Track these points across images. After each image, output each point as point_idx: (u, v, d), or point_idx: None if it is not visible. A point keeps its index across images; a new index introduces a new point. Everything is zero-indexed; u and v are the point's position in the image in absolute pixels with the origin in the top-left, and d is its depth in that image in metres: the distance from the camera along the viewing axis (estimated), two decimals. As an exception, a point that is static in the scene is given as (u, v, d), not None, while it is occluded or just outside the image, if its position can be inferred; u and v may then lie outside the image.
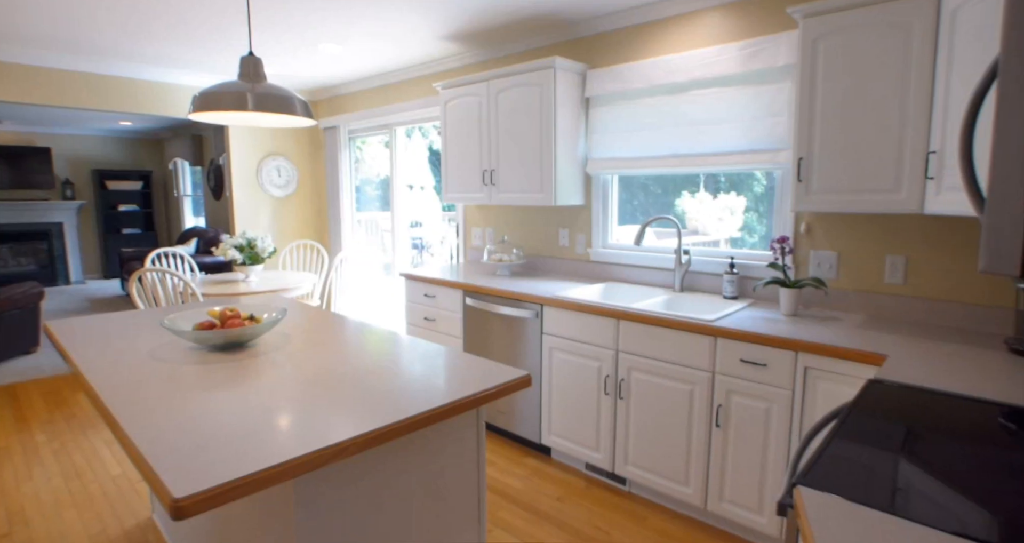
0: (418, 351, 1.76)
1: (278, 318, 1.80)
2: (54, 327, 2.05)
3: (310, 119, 1.79)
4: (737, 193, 3.10)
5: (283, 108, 1.66)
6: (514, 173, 3.17)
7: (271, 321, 1.81)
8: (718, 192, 3.06)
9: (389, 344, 1.84)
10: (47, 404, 3.69)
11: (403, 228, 4.67)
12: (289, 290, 3.92)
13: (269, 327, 1.75)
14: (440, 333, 3.30)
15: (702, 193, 3.22)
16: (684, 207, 3.20)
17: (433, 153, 9.96)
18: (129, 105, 4.31)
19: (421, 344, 1.83)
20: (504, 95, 3.16)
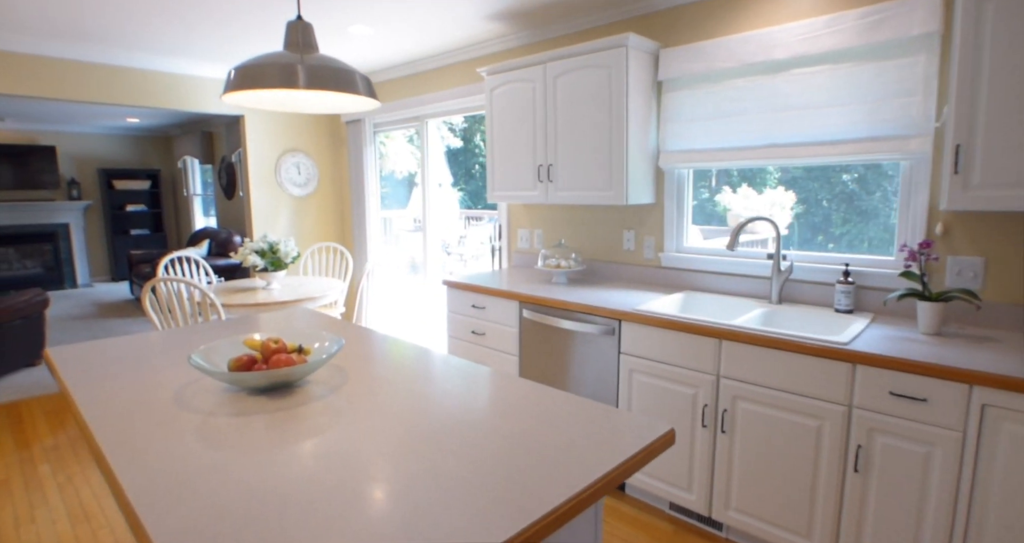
0: (512, 392, 1.38)
1: (334, 351, 1.43)
2: (56, 356, 1.69)
3: (373, 99, 1.42)
4: (786, 188, 2.74)
5: (343, 84, 1.28)
6: (576, 168, 2.79)
7: (325, 355, 1.44)
8: (776, 186, 2.67)
9: (471, 382, 1.47)
10: (51, 425, 3.35)
11: (435, 230, 4.30)
12: (315, 299, 3.56)
13: (322, 363, 1.39)
14: (490, 349, 2.93)
15: (745, 189, 2.85)
16: (726, 203, 2.82)
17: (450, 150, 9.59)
18: (140, 98, 3.95)
19: (512, 383, 1.46)
20: (564, 80, 2.78)
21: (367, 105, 1.52)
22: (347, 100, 1.50)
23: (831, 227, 2.52)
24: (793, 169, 2.64)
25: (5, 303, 4.05)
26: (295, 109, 1.56)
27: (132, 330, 5.55)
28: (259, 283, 3.95)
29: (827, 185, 2.57)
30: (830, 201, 2.54)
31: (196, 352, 1.42)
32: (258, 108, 1.50)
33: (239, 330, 2.02)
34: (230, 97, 1.40)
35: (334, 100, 1.50)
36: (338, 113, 1.54)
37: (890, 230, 2.34)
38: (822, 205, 2.61)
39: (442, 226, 10.32)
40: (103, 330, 5.59)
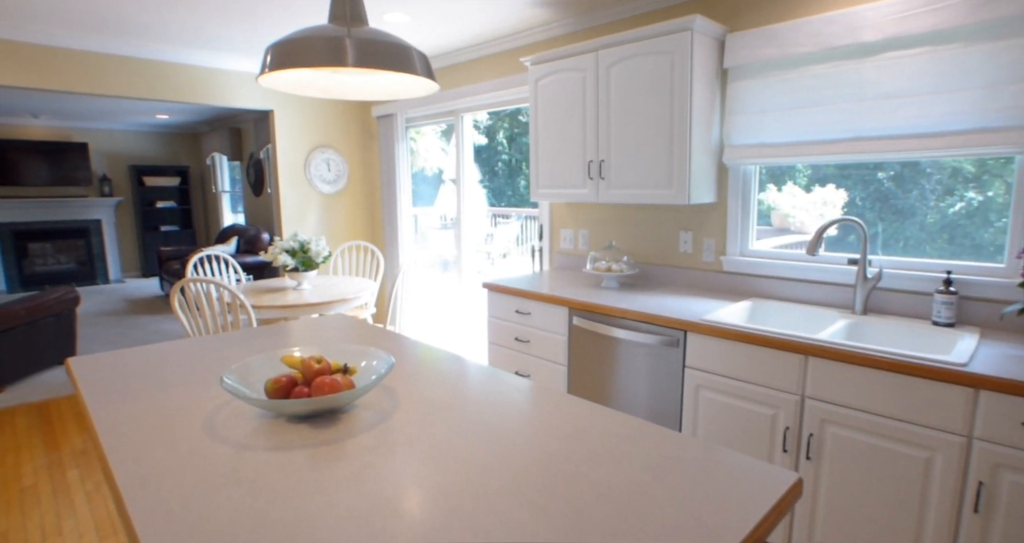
0: (595, 424, 1.18)
1: (383, 372, 1.25)
2: (77, 368, 1.54)
3: (432, 81, 1.23)
4: (837, 186, 2.48)
5: (398, 63, 1.09)
6: (631, 164, 2.57)
7: (373, 376, 1.26)
8: (821, 183, 2.42)
9: (542, 409, 1.27)
10: (80, 427, 3.25)
11: (470, 228, 4.12)
12: (347, 301, 3.41)
13: (371, 387, 1.20)
14: (535, 358, 2.73)
15: (791, 186, 2.60)
16: (771, 201, 2.58)
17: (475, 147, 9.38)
18: (173, 93, 3.84)
19: (592, 412, 1.26)
20: (619, 68, 2.56)
21: (424, 88, 1.32)
22: (402, 83, 1.30)
23: (888, 227, 2.26)
24: (825, 167, 2.40)
25: (37, 301, 3.98)
26: (340, 95, 1.37)
27: (162, 328, 5.49)
28: (289, 283, 3.81)
29: (860, 183, 2.32)
30: (875, 200, 2.28)
31: (229, 372, 1.25)
32: (296, 94, 1.33)
33: (273, 341, 1.86)
34: (267, 79, 1.22)
35: (387, 83, 1.32)
36: (390, 99, 1.36)
37: (927, 230, 2.13)
38: (876, 205, 2.39)
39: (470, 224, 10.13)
40: (133, 327, 5.55)
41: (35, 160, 7.38)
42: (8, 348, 3.79)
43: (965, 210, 2.12)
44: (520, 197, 11.92)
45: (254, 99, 4.19)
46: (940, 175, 2.15)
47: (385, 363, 1.33)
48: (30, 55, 3.37)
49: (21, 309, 3.84)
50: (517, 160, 14.45)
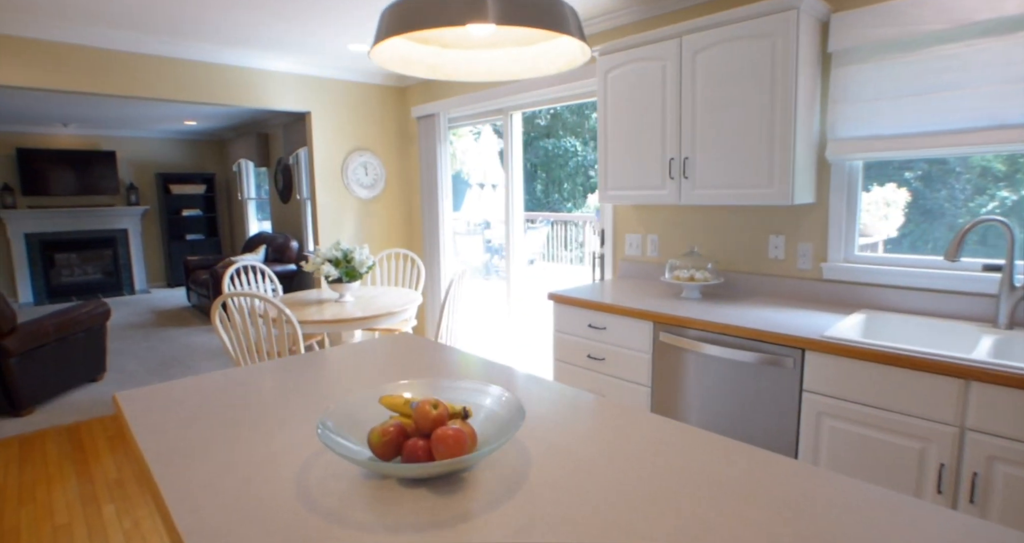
0: (788, 486, 0.92)
1: (511, 417, 1.00)
2: (127, 407, 1.31)
3: (584, 45, 0.97)
4: (898, 185, 2.22)
5: (550, 19, 0.84)
6: (721, 161, 2.31)
7: (499, 423, 1.01)
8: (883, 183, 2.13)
9: (703, 462, 1.01)
10: (114, 453, 3.05)
11: (519, 234, 3.87)
12: (394, 314, 3.17)
13: (504, 442, 0.95)
14: (613, 378, 2.47)
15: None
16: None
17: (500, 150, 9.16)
18: (206, 94, 3.65)
19: (773, 464, 1.00)
20: (707, 55, 2.30)
21: (570, 58, 1.06)
22: (542, 54, 1.05)
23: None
24: (889, 164, 2.13)
25: (68, 315, 3.81)
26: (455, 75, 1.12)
27: (192, 341, 5.31)
28: (329, 295, 3.59)
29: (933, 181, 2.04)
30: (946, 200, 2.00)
31: (324, 418, 1.01)
32: (404, 73, 1.09)
33: (341, 369, 1.62)
34: (381, 51, 0.98)
35: (518, 56, 1.07)
36: (513, 79, 1.10)
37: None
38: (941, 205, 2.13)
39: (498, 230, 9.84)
40: (162, 340, 5.37)
41: (63, 169, 7.29)
42: (38, 367, 3.61)
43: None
44: (536, 202, 11.64)
45: (291, 101, 3.99)
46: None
47: (508, 405, 1.07)
48: (64, 56, 3.19)
49: (51, 325, 3.66)
50: (533, 164, 14.10)
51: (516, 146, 3.77)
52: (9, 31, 3.01)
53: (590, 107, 14.23)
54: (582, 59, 1.07)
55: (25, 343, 3.47)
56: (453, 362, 1.65)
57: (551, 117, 12.77)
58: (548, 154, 12.40)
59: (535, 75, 1.14)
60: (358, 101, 4.34)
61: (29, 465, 2.93)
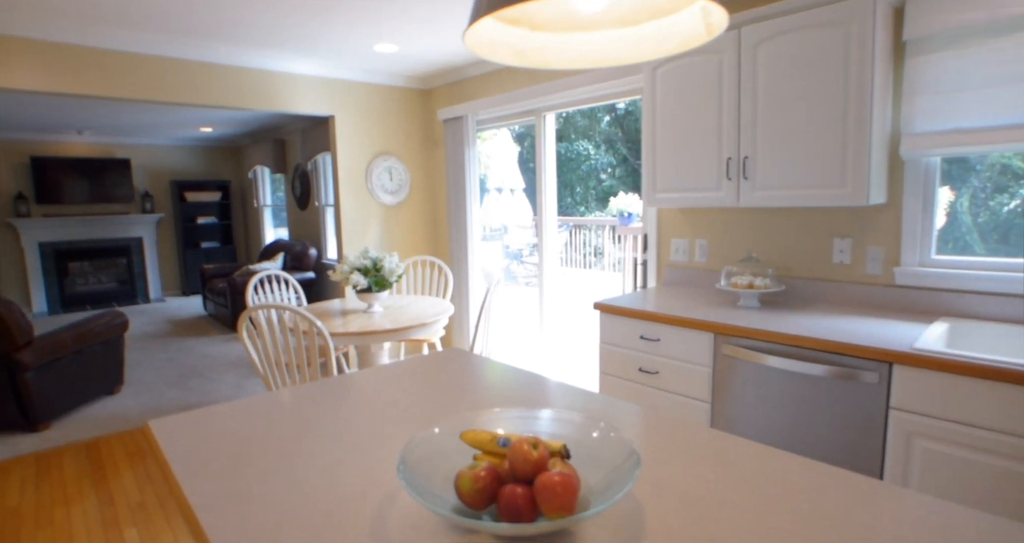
0: None
1: (627, 469, 0.84)
2: (164, 441, 1.16)
3: (721, 12, 0.82)
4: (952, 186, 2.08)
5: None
6: (786, 160, 2.14)
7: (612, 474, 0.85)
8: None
9: (855, 513, 0.84)
10: (135, 471, 2.91)
11: (552, 239, 3.71)
12: (426, 325, 3.02)
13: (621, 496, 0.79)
14: (668, 393, 2.30)
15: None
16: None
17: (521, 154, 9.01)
18: (231, 98, 3.54)
19: (954, 515, 0.83)
20: (770, 47, 2.14)
21: (685, 38, 0.91)
22: (654, 32, 0.89)
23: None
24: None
25: (85, 327, 3.69)
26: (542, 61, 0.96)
27: (211, 352, 5.19)
28: (354, 304, 3.45)
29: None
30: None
31: (403, 460, 0.85)
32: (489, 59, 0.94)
33: (394, 392, 1.46)
34: (478, 32, 0.84)
35: (636, 34, 0.91)
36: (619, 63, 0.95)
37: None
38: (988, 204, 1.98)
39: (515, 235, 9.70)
40: (180, 351, 5.25)
41: (77, 177, 7.23)
42: (54, 380, 3.49)
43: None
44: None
45: (314, 104, 3.87)
46: None
47: (609, 441, 0.91)
48: (80, 59, 3.08)
49: (68, 337, 3.54)
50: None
51: (549, 148, 3.62)
52: (25, 33, 2.91)
53: (602, 110, 14.09)
54: (703, 37, 0.91)
55: (42, 356, 3.35)
56: (514, 382, 1.49)
57: (563, 121, 12.64)
58: (560, 158, 12.27)
59: (637, 60, 0.99)
60: (382, 104, 4.22)
61: (46, 484, 2.79)
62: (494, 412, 1.02)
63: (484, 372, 1.58)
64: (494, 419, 1.01)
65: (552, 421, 1.00)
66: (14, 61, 2.91)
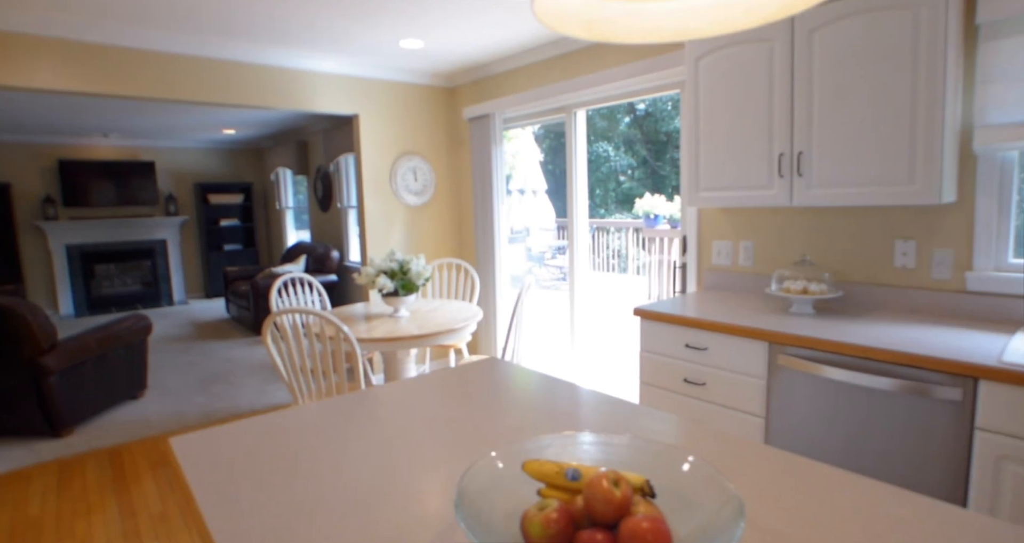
0: None
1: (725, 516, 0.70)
2: (186, 462, 1.06)
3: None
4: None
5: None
6: (846, 155, 1.98)
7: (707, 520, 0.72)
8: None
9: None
10: (157, 481, 2.84)
11: (584, 241, 3.58)
12: (455, 331, 2.90)
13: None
14: (716, 405, 2.15)
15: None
16: None
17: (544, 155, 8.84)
18: (253, 97, 3.47)
19: None
20: (828, 33, 1.98)
21: (781, 5, 0.78)
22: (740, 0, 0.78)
23: None
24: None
25: (108, 331, 3.64)
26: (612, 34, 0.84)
27: (233, 355, 5.14)
28: (378, 308, 3.35)
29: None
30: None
31: (462, 497, 0.73)
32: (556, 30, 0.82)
33: (432, 409, 1.34)
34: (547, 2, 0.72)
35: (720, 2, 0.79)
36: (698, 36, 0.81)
37: None
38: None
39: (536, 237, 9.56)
40: (202, 354, 5.22)
41: (103, 180, 7.28)
42: (78, 385, 3.44)
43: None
44: (567, 208, 11.11)
45: (338, 103, 3.79)
46: None
47: (702, 477, 0.78)
48: (101, 57, 3.03)
49: (92, 341, 3.50)
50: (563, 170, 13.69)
51: (580, 146, 3.49)
52: (46, 32, 2.86)
53: (622, 111, 13.89)
54: (800, 4, 0.78)
55: (65, 360, 3.30)
56: (560, 396, 1.36)
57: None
58: (580, 160, 12.09)
59: (719, 32, 0.86)
60: (406, 103, 4.12)
61: (68, 493, 2.73)
62: (557, 436, 0.89)
63: (525, 384, 1.45)
64: (557, 445, 0.88)
65: (626, 448, 0.87)
66: (39, 61, 2.86)
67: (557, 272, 8.67)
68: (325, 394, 2.61)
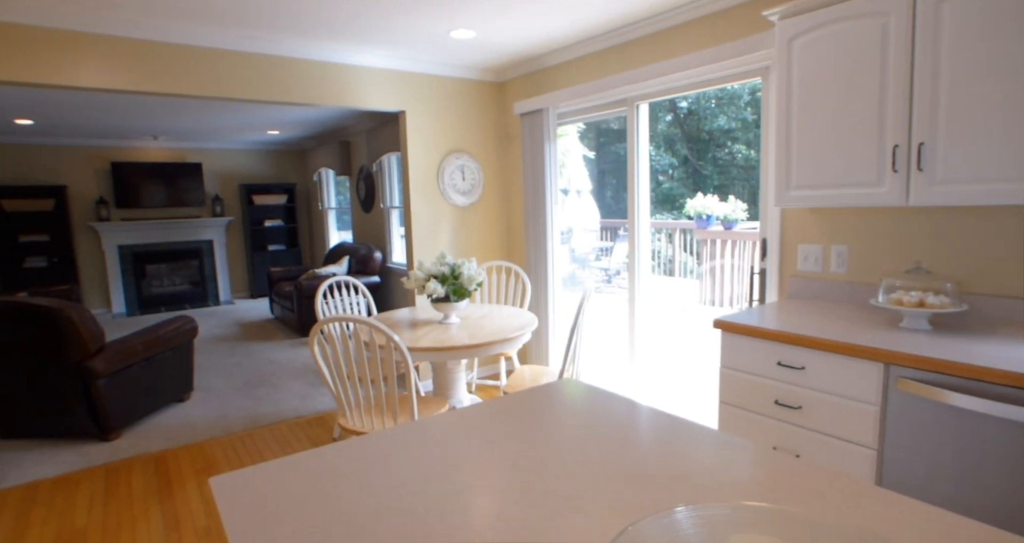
0: None
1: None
2: (227, 511, 0.88)
3: None
4: None
5: None
6: (981, 146, 1.69)
7: None
8: None
9: None
10: (202, 490, 2.74)
11: (646, 243, 3.33)
12: (510, 340, 2.71)
13: None
14: (814, 433, 1.88)
15: None
16: None
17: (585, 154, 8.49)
18: (299, 94, 3.36)
19: None
20: (959, 2, 1.70)
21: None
22: None
23: None
24: None
25: (155, 333, 3.59)
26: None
27: (276, 358, 5.08)
28: (425, 314, 3.18)
29: None
30: None
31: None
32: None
33: (510, 443, 1.14)
34: None
35: None
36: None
37: None
38: None
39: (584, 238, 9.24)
40: (246, 355, 5.18)
41: (153, 182, 7.39)
42: (126, 388, 3.39)
43: None
44: (607, 209, 10.93)
45: (384, 99, 3.65)
46: None
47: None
48: (146, 54, 2.95)
49: (139, 344, 3.44)
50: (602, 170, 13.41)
51: (643, 142, 3.24)
52: (93, 30, 2.79)
53: (662, 108, 13.46)
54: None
55: (113, 363, 3.25)
56: (669, 433, 1.13)
57: (621, 121, 12.15)
58: (619, 159, 11.78)
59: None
60: (454, 98, 3.96)
61: (114, 502, 2.66)
62: (727, 507, 0.68)
63: (620, 415, 1.24)
64: (728, 517, 0.67)
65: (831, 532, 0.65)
66: (86, 59, 2.80)
67: (601, 274, 8.40)
68: (374, 406, 2.45)
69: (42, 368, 3.15)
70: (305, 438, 3.31)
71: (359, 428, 2.35)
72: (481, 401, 1.66)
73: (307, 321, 5.83)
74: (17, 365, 3.15)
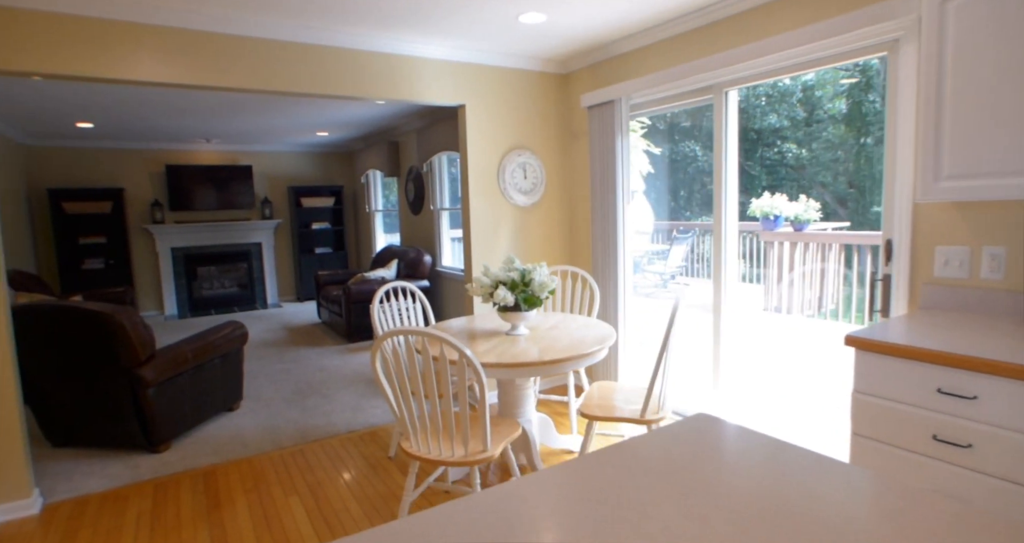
0: None
1: None
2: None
3: None
4: None
5: None
6: None
7: None
8: None
9: None
10: (251, 509, 2.55)
11: (733, 246, 2.99)
12: (588, 355, 2.41)
13: None
14: (988, 476, 1.52)
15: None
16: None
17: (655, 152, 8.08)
18: (355, 87, 3.16)
19: None
20: None
21: None
22: None
23: None
24: None
25: (204, 341, 3.45)
26: None
27: (326, 365, 4.92)
28: (487, 323, 2.92)
29: None
30: None
31: None
32: None
33: (672, 520, 0.85)
34: None
35: None
36: None
37: None
38: None
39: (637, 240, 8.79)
40: (295, 361, 5.04)
41: (205, 184, 7.41)
42: (175, 397, 3.25)
43: None
44: (661, 211, 10.19)
45: (443, 93, 3.42)
46: None
47: None
48: (194, 46, 2.80)
49: (189, 351, 3.30)
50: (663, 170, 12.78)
51: (731, 133, 2.90)
52: (148, 20, 2.65)
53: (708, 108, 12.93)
54: None
55: (163, 372, 3.11)
56: (861, 496, 0.82)
57: (667, 121, 11.65)
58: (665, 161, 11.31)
59: None
60: (516, 91, 3.70)
61: (161, 523, 2.48)
62: None
63: (786, 466, 0.93)
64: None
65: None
66: (140, 51, 2.66)
67: (656, 279, 8.01)
68: (442, 427, 2.20)
69: (94, 375, 3.03)
70: (359, 455, 3.09)
71: (425, 454, 2.10)
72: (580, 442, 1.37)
73: (356, 327, 5.66)
74: (71, 372, 3.04)
